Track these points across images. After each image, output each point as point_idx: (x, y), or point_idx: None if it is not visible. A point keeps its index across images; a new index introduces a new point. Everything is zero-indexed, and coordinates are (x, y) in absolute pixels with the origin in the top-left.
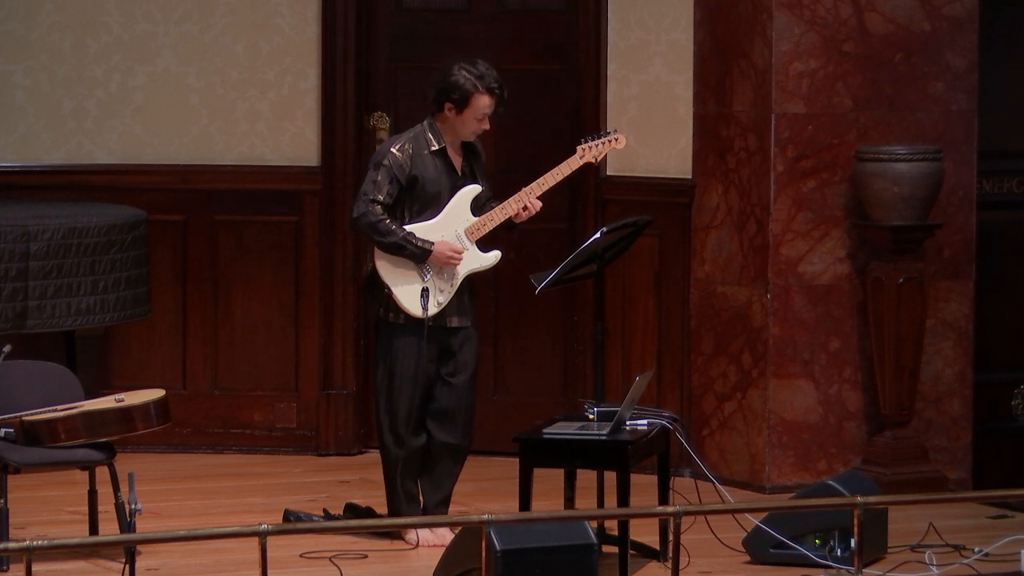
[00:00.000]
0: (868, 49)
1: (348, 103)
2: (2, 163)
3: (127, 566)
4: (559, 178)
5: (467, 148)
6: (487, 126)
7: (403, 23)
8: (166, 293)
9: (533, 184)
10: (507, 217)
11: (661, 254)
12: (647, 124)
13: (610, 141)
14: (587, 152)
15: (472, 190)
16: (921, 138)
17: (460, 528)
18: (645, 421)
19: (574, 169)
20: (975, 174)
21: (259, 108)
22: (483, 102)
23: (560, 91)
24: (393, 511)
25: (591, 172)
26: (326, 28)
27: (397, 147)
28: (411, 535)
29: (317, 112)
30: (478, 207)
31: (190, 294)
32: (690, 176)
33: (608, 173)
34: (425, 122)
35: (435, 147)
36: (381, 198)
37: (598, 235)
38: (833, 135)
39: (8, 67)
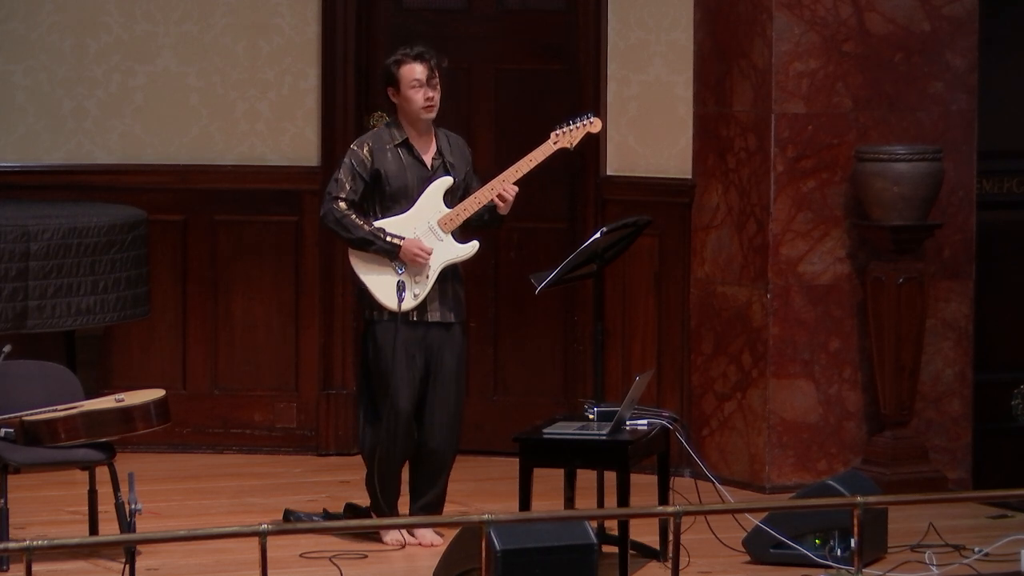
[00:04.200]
0: (868, 49)
1: (348, 103)
2: (2, 163)
3: (127, 566)
4: (533, 165)
5: (441, 143)
6: (431, 94)
7: (403, 23)
8: (166, 293)
9: (507, 171)
10: (481, 206)
11: (661, 254)
12: (647, 124)
13: (584, 125)
14: (560, 138)
15: (444, 182)
16: (921, 138)
17: (460, 528)
18: (645, 421)
19: (548, 155)
20: (975, 174)
21: (259, 108)
22: (410, 69)
23: (560, 91)
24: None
25: (591, 172)
26: (326, 28)
27: (356, 145)
28: (388, 536)
29: (317, 112)
30: (455, 199)
31: (190, 294)
32: (690, 176)
33: (608, 173)
34: (387, 121)
35: (397, 140)
36: (344, 195)
37: (598, 235)
38: (833, 135)
39: (8, 67)
